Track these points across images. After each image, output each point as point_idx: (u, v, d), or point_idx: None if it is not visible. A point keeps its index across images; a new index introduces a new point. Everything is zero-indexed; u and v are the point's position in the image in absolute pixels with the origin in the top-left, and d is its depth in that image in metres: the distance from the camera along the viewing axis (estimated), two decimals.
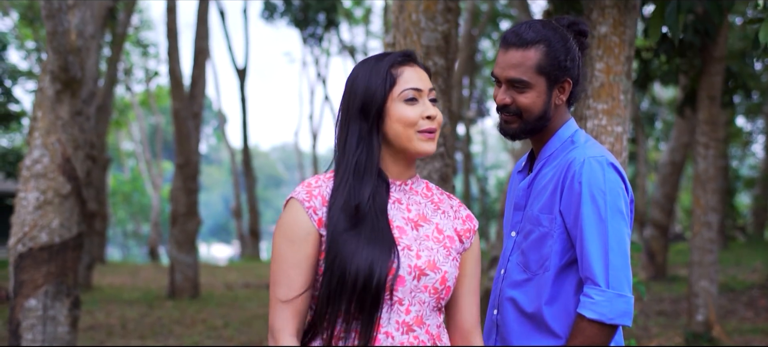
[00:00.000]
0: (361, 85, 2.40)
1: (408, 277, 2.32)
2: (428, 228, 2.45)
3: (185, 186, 15.15)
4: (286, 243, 2.34)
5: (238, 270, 23.44)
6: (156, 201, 34.71)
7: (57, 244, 7.18)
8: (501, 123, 2.82)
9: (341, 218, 2.31)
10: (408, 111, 2.38)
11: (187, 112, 15.19)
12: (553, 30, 2.76)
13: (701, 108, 9.16)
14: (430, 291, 2.36)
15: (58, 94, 7.20)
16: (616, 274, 2.63)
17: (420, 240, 2.40)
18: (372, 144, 2.38)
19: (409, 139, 2.38)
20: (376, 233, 2.31)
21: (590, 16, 4.57)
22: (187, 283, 15.15)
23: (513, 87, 2.73)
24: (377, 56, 2.47)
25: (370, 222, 2.32)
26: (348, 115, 2.42)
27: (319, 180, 2.42)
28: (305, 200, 2.35)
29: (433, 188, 2.56)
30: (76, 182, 7.31)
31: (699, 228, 9.34)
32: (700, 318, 9.29)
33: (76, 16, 7.27)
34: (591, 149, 2.74)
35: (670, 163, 15.87)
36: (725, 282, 14.95)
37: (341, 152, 2.41)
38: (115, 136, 40.87)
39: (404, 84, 2.39)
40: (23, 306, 7.08)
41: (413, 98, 2.39)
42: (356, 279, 2.25)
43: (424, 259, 2.36)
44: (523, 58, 2.71)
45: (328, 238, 2.31)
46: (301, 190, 2.38)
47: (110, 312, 12.97)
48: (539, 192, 2.78)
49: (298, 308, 2.33)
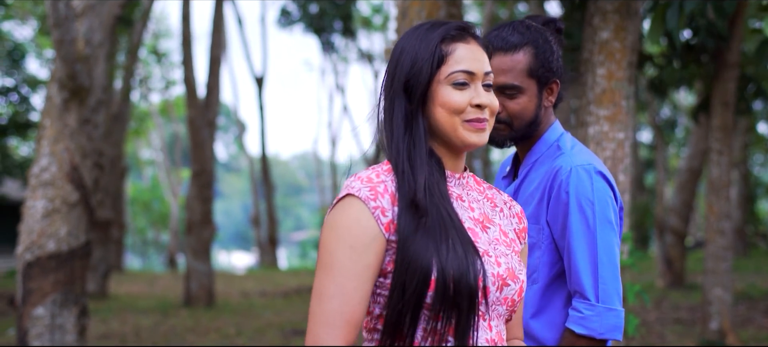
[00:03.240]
0: (408, 58, 2.05)
1: (492, 288, 1.98)
2: (494, 230, 2.13)
3: (200, 195, 15.17)
4: (345, 250, 1.91)
5: (256, 278, 23.45)
6: (175, 210, 34.83)
7: (65, 252, 7.19)
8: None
9: (409, 214, 1.94)
10: (455, 96, 2.02)
11: (203, 120, 15.22)
12: (536, 31, 2.67)
13: (715, 114, 9.06)
14: (507, 304, 2.04)
15: (65, 103, 7.22)
16: (606, 288, 2.53)
17: (493, 245, 2.07)
18: (419, 127, 2.03)
19: (453, 128, 2.03)
20: (452, 230, 1.95)
21: (591, 21, 4.52)
22: (203, 291, 15.15)
23: (502, 93, 2.61)
24: (432, 23, 2.09)
25: (441, 216, 1.96)
26: (392, 90, 2.07)
27: (379, 174, 2.02)
28: (370, 199, 1.94)
29: (482, 181, 2.24)
30: (84, 190, 7.32)
31: (713, 235, 9.24)
32: (714, 326, 9.19)
33: (84, 24, 7.28)
34: (578, 156, 2.64)
35: (688, 170, 15.75)
36: (744, 289, 14.80)
37: (389, 136, 2.06)
38: (135, 145, 41.06)
39: (454, 65, 2.02)
40: (31, 315, 7.09)
41: (464, 83, 2.02)
42: (445, 286, 1.88)
43: (504, 267, 2.03)
44: (512, 62, 2.61)
45: (400, 239, 1.92)
46: (362, 187, 1.97)
47: (124, 321, 12.99)
48: (526, 200, 2.69)
49: (353, 326, 1.91)
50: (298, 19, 23.62)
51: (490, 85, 2.07)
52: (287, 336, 11.29)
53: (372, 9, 30.56)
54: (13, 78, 18.52)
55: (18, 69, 18.63)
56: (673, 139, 29.80)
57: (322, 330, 1.89)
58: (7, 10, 20.19)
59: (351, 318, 1.89)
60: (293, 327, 12.10)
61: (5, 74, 18.41)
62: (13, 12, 21.15)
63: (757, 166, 31.85)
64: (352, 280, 1.90)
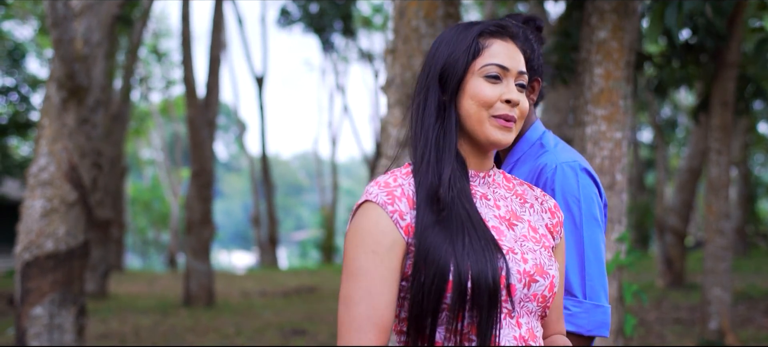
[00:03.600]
0: (444, 51, 2.06)
1: (518, 285, 1.96)
2: (523, 227, 2.10)
3: (200, 194, 15.17)
4: (367, 255, 1.92)
5: (256, 278, 23.44)
6: (175, 209, 34.83)
7: (63, 252, 7.18)
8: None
9: (428, 210, 1.94)
10: (486, 89, 2.01)
11: (202, 120, 15.22)
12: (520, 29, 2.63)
13: (714, 114, 9.05)
14: (538, 300, 2.01)
15: (64, 102, 7.21)
16: (593, 284, 2.53)
17: (520, 242, 2.04)
18: (450, 118, 2.02)
19: (480, 122, 2.02)
20: (472, 229, 1.93)
21: (589, 21, 4.51)
22: (202, 291, 15.15)
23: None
24: (472, 22, 2.11)
25: (460, 215, 1.95)
26: (427, 82, 2.06)
27: (397, 177, 2.02)
28: (387, 203, 1.95)
29: (512, 178, 2.22)
30: (82, 190, 7.31)
31: (712, 235, 9.23)
32: (713, 326, 9.18)
33: (83, 24, 7.27)
34: (563, 154, 2.63)
35: (688, 170, 15.74)
36: (744, 289, 14.80)
37: (419, 127, 2.05)
38: (135, 144, 41.06)
39: (489, 58, 2.03)
40: (29, 314, 7.08)
41: (496, 76, 2.02)
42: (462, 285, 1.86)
43: (532, 263, 2.00)
44: None
45: (417, 235, 1.92)
46: (379, 192, 1.97)
47: (124, 320, 12.99)
48: None
49: (381, 330, 1.91)
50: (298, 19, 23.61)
51: (523, 85, 2.07)
52: (286, 335, 11.28)
53: (372, 9, 30.56)
54: (14, 77, 18.53)
55: (18, 68, 18.63)
56: (674, 138, 29.79)
57: (351, 336, 1.90)
58: (8, 10, 20.19)
59: (379, 322, 1.90)
60: (293, 326, 12.10)
61: (5, 74, 18.42)
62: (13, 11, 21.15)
63: (758, 165, 31.83)
64: (377, 284, 1.91)
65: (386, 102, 5.09)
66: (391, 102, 5.03)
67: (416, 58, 4.95)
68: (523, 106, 2.05)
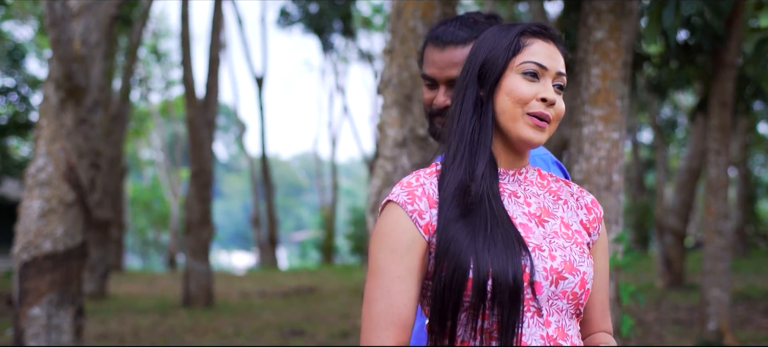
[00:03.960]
0: (485, 47, 2.06)
1: (545, 283, 1.94)
2: (554, 223, 2.07)
3: (199, 195, 15.16)
4: (387, 254, 1.95)
5: (255, 278, 23.44)
6: (175, 210, 34.83)
7: (61, 252, 7.18)
8: (437, 126, 2.66)
9: (454, 205, 1.95)
10: (522, 86, 2.00)
11: (202, 120, 15.22)
12: (482, 25, 2.64)
13: (712, 114, 9.04)
14: (568, 297, 1.98)
15: (62, 103, 7.21)
16: None
17: (549, 239, 2.02)
18: (487, 114, 2.03)
19: (513, 119, 2.01)
20: (496, 227, 1.92)
21: (586, 21, 4.51)
22: (202, 292, 15.15)
23: (453, 87, 2.57)
24: (513, 22, 2.12)
25: (486, 211, 1.94)
26: (466, 79, 2.08)
27: (420, 177, 2.04)
28: (407, 203, 1.97)
29: (547, 175, 2.20)
30: (81, 190, 7.31)
31: (711, 235, 9.23)
32: (712, 327, 9.18)
33: (81, 24, 7.27)
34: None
35: (687, 170, 15.73)
36: (743, 290, 14.79)
37: (455, 122, 2.06)
38: (135, 145, 41.06)
39: (528, 55, 2.02)
40: (27, 315, 7.08)
41: (534, 74, 2.01)
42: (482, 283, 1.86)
43: (560, 260, 1.97)
44: (463, 55, 2.56)
45: (439, 230, 1.93)
46: (401, 192, 2.00)
47: (123, 321, 12.99)
48: None
49: (400, 328, 1.93)
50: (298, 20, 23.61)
51: (562, 86, 2.05)
52: (285, 336, 11.28)
53: (372, 9, 30.56)
54: (14, 78, 18.52)
55: (18, 69, 18.63)
56: (674, 139, 29.78)
57: (371, 333, 1.92)
58: (7, 10, 20.18)
59: (397, 320, 1.92)
60: (291, 327, 12.09)
61: (5, 74, 18.41)
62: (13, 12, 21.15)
63: (758, 166, 31.82)
64: (396, 283, 1.93)
65: (383, 102, 5.08)
66: (388, 102, 5.02)
67: (413, 59, 4.94)
68: (559, 107, 2.04)
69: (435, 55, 2.62)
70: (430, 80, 2.65)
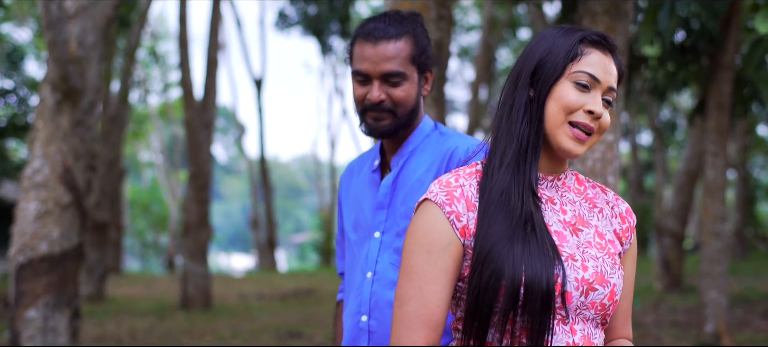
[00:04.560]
0: (543, 48, 2.01)
1: (575, 293, 1.92)
2: (588, 232, 2.04)
3: (197, 197, 15.15)
4: (422, 254, 1.93)
5: (254, 281, 23.43)
6: (174, 212, 34.81)
7: (57, 255, 7.17)
8: (369, 122, 2.70)
9: (497, 211, 1.92)
10: (572, 94, 1.96)
11: (200, 122, 15.21)
12: (410, 20, 2.71)
13: (710, 116, 9.04)
14: (596, 308, 1.97)
15: (58, 104, 7.21)
16: None
17: (583, 248, 2.00)
18: (541, 119, 1.98)
19: (556, 125, 1.97)
20: (533, 235, 1.91)
21: (581, 22, 4.50)
22: (199, 294, 15.12)
23: (387, 82, 2.64)
24: (572, 27, 2.06)
25: (526, 219, 1.92)
26: (517, 79, 2.03)
27: (459, 177, 2.01)
28: (445, 203, 1.95)
29: (584, 180, 2.16)
30: (77, 192, 7.30)
31: (708, 238, 9.23)
32: (709, 329, 9.18)
33: (77, 25, 7.27)
34: (469, 138, 2.71)
35: (685, 172, 15.70)
36: (742, 292, 14.78)
37: (504, 123, 2.02)
38: (134, 147, 41.06)
39: (584, 65, 1.97)
40: (23, 317, 7.07)
41: (586, 85, 1.96)
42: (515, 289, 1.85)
43: (592, 271, 1.95)
44: (396, 49, 2.63)
45: (479, 236, 1.90)
46: (439, 192, 1.97)
47: (120, 323, 12.98)
48: (413, 186, 2.69)
49: (432, 328, 1.91)
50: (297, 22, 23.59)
51: (610, 101, 2.01)
52: (282, 338, 11.27)
53: (371, 10, 30.56)
54: (12, 80, 18.52)
55: (17, 71, 18.63)
56: (673, 141, 29.78)
57: (402, 332, 1.92)
58: (6, 12, 20.18)
59: (429, 320, 1.91)
60: (289, 329, 12.08)
61: (4, 76, 18.42)
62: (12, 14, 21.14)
63: (757, 168, 31.82)
64: (429, 283, 1.92)
65: None
66: None
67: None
68: (604, 121, 1.99)
69: (367, 51, 2.65)
70: (362, 76, 2.67)
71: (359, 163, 2.96)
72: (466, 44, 29.60)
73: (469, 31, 28.73)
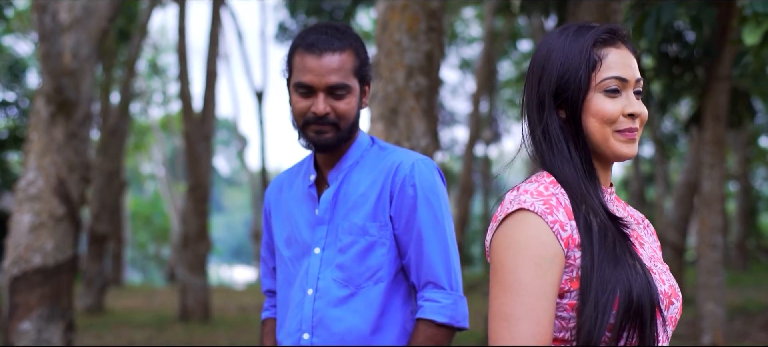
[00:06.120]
0: (557, 62, 1.91)
1: (662, 307, 1.83)
2: (648, 246, 1.96)
3: (196, 209, 15.14)
4: (530, 268, 1.77)
5: (255, 293, 23.39)
6: (175, 224, 34.79)
7: (51, 267, 7.17)
8: (310, 136, 2.67)
9: (590, 236, 1.81)
10: (607, 105, 1.88)
11: (199, 135, 15.21)
12: (350, 33, 2.71)
13: (706, 127, 9.00)
14: (673, 322, 1.89)
15: (52, 117, 7.21)
16: (457, 277, 2.61)
17: (653, 262, 1.90)
18: (584, 146, 1.91)
19: (605, 139, 1.89)
20: (624, 249, 1.82)
21: None
22: (198, 306, 15.10)
23: (332, 94, 2.62)
24: (579, 26, 1.95)
25: (613, 233, 1.83)
26: (542, 104, 1.93)
27: (547, 186, 1.88)
28: (546, 213, 1.81)
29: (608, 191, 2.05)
30: (71, 204, 7.30)
31: (705, 249, 9.19)
32: (706, 341, 9.14)
33: (71, 38, 7.28)
34: (411, 152, 2.71)
35: (685, 184, 15.68)
36: (742, 304, 14.73)
37: (549, 152, 1.92)
38: (136, 159, 41.09)
39: (607, 71, 1.89)
40: (17, 329, 7.06)
41: (616, 89, 1.89)
42: (629, 303, 1.75)
43: (668, 284, 1.87)
44: (341, 61, 2.62)
45: (587, 257, 1.79)
46: (535, 201, 1.82)
47: (119, 335, 12.96)
48: (356, 202, 2.66)
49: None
50: None
51: (640, 91, 1.94)
52: None
53: (372, 22, 30.59)
54: (14, 92, 18.55)
55: (18, 83, 18.65)
56: (675, 152, 29.75)
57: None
58: (8, 25, 20.22)
59: (542, 340, 1.76)
60: None
61: (6, 88, 18.44)
62: (13, 26, 21.19)
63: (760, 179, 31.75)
64: (541, 300, 1.77)
65: (369, 116, 5.08)
66: (374, 116, 5.02)
67: (398, 72, 4.93)
68: (643, 114, 1.91)
69: (311, 63, 2.62)
70: (306, 88, 2.64)
71: (288, 177, 2.92)
72: (467, 56, 29.60)
73: (470, 43, 28.74)
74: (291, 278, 2.75)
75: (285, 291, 2.77)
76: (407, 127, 4.88)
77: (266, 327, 3.01)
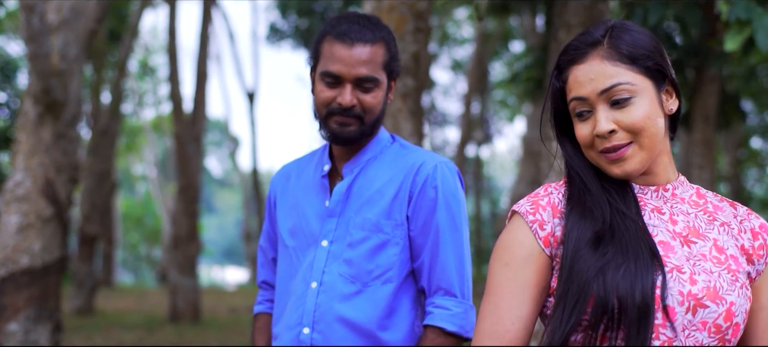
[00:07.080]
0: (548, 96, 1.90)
1: (679, 309, 1.69)
2: (703, 245, 1.81)
3: (186, 210, 15.12)
4: (499, 268, 1.80)
5: (245, 294, 23.38)
6: (167, 225, 34.74)
7: (39, 268, 7.15)
8: (333, 127, 2.59)
9: (583, 222, 1.77)
10: (579, 130, 1.82)
11: (189, 136, 15.19)
12: (382, 26, 2.63)
13: (695, 129, 9.03)
14: (709, 330, 1.71)
15: (40, 117, 7.19)
16: (469, 286, 2.55)
17: (694, 261, 1.77)
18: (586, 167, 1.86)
19: (597, 162, 1.83)
20: (629, 242, 1.74)
21: (556, 35, 4.50)
22: (189, 307, 15.08)
23: (360, 87, 2.55)
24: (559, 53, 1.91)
25: (617, 227, 1.76)
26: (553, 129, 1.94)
27: (549, 187, 1.88)
28: (529, 213, 1.81)
29: (708, 194, 1.93)
30: (59, 205, 7.28)
31: None
32: None
33: (59, 38, 7.26)
34: (434, 154, 2.64)
35: None
36: None
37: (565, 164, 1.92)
38: (127, 160, 41.01)
39: (569, 94, 1.83)
40: (4, 331, 7.04)
41: (584, 111, 1.81)
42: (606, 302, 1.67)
43: (702, 285, 1.72)
44: (372, 54, 2.54)
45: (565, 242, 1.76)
46: (525, 202, 1.84)
47: (108, 336, 12.92)
48: (371, 197, 2.59)
49: (506, 344, 1.77)
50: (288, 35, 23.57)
51: (618, 100, 1.78)
52: None
53: None
54: (6, 93, 18.47)
55: (10, 84, 18.58)
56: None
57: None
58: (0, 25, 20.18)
59: (501, 337, 1.76)
60: None
61: None
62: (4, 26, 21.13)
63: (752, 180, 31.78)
64: (505, 299, 1.78)
65: None
66: None
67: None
68: (628, 120, 1.78)
69: (341, 52, 2.54)
70: (333, 78, 2.56)
71: (297, 166, 2.84)
72: (459, 57, 29.61)
73: (462, 44, 28.74)
74: (294, 269, 2.67)
75: (286, 282, 2.69)
76: (394, 127, 4.86)
77: (259, 322, 2.89)
